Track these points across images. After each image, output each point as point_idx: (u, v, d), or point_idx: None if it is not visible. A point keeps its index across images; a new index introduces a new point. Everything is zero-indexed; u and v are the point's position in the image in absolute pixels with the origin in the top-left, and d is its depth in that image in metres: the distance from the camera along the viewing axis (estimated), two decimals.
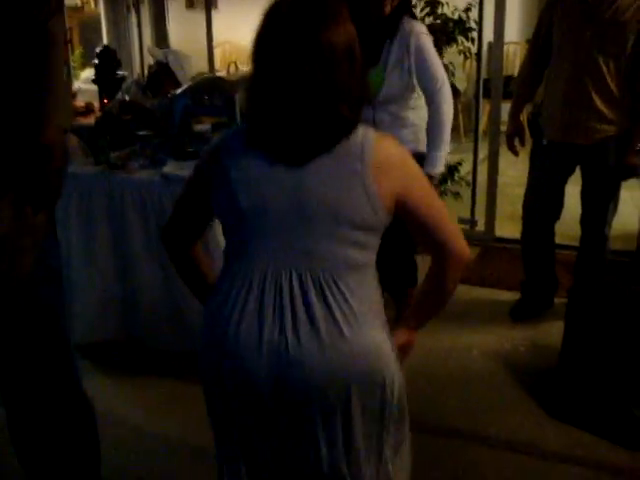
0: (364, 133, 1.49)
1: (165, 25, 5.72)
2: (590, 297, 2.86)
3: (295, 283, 1.48)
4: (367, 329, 1.51)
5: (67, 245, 3.17)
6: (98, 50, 4.85)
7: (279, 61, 1.42)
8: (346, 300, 1.49)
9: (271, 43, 1.44)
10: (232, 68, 3.70)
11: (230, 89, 3.32)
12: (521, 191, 3.62)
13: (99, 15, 6.28)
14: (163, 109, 3.71)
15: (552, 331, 3.40)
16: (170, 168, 3.02)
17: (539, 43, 3.38)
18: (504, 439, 2.74)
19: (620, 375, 2.70)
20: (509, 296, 3.83)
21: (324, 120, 1.44)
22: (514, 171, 4.96)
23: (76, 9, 6.00)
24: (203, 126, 3.85)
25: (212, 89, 3.41)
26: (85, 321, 3.24)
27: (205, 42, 5.01)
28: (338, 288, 1.49)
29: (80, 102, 4.75)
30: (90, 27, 6.29)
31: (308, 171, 1.47)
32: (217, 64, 5.72)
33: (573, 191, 3.49)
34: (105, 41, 5.78)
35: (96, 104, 4.87)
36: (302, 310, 1.47)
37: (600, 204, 3.35)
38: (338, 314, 1.47)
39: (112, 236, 3.13)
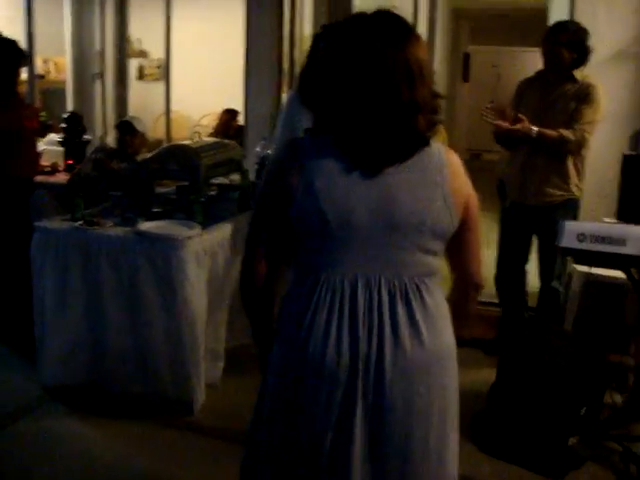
0: (437, 146, 1.61)
1: (126, 94, 6.10)
2: (520, 348, 3.27)
3: (384, 290, 1.57)
4: (442, 333, 1.64)
5: (42, 293, 3.44)
6: (66, 115, 5.19)
7: (368, 75, 1.53)
8: (425, 306, 1.60)
9: (359, 58, 1.54)
10: (196, 136, 4.07)
11: (194, 156, 3.67)
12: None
13: (61, 83, 6.66)
14: (131, 172, 4.04)
15: (479, 378, 3.77)
16: (145, 226, 3.34)
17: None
18: None
19: (554, 410, 3.05)
20: None
21: (405, 130, 1.55)
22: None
23: (40, 77, 6.42)
24: (166, 189, 4.21)
25: (177, 155, 3.75)
26: (56, 365, 3.48)
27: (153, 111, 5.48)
28: (420, 295, 1.60)
29: (46, 162, 5.03)
30: (51, 93, 6.65)
31: (394, 182, 1.56)
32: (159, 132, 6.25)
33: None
34: (70, 107, 6.11)
35: (61, 164, 5.18)
36: (388, 315, 1.56)
37: (549, 260, 3.94)
38: (419, 319, 1.58)
39: (85, 287, 3.38)
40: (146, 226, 3.35)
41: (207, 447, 3.19)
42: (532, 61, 12.65)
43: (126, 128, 4.36)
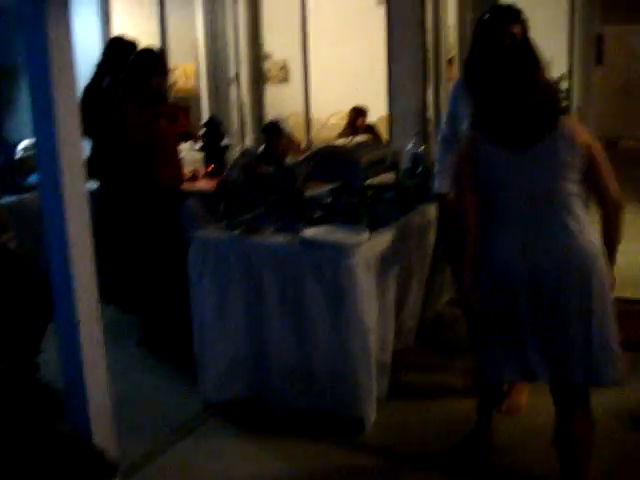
0: (562, 119, 2.46)
1: (262, 98, 6.02)
2: None
3: (545, 210, 2.41)
4: (588, 236, 2.41)
5: (201, 306, 3.32)
6: (204, 120, 5.12)
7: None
8: (573, 219, 2.40)
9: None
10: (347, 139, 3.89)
11: (352, 156, 3.46)
12: None
13: (191, 90, 6.66)
14: (283, 175, 3.89)
15: None
16: (310, 233, 3.16)
17: None
18: None
19: None
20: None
21: (545, 119, 2.42)
22: None
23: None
24: (318, 191, 4.03)
25: (333, 157, 3.57)
26: (217, 380, 3.36)
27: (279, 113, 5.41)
28: (570, 211, 2.40)
29: (186, 169, 4.96)
30: (182, 100, 6.64)
31: (539, 148, 2.41)
32: None
33: None
34: (205, 113, 6.07)
35: (201, 170, 5.12)
36: (548, 225, 2.41)
37: None
38: (573, 225, 2.39)
39: (246, 298, 3.25)
40: (311, 233, 3.16)
41: (381, 467, 2.98)
42: None
43: (273, 130, 4.20)
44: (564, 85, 5.22)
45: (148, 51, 4.33)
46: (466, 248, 2.56)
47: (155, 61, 4.27)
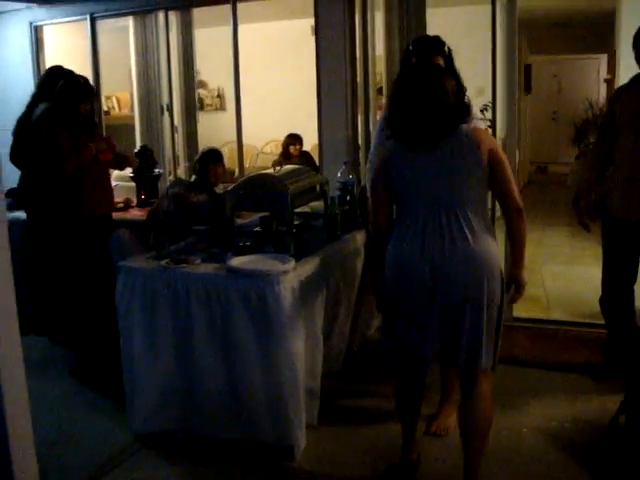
0: (464, 125, 2.63)
1: (195, 126, 6.03)
2: None
3: (443, 217, 2.58)
4: (484, 241, 2.59)
5: (129, 337, 3.30)
6: (136, 150, 5.11)
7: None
8: (471, 224, 2.57)
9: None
10: (272, 166, 3.93)
11: (280, 185, 3.50)
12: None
13: (125, 118, 6.64)
14: (213, 205, 3.90)
15: (591, 407, 3.56)
16: (236, 262, 3.18)
17: (606, 132, 3.76)
18: None
19: None
20: (539, 374, 4.01)
21: (447, 120, 2.59)
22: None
23: (105, 113, 6.39)
24: (249, 219, 4.06)
25: (262, 185, 3.60)
26: (147, 411, 3.33)
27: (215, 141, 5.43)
28: (467, 216, 2.57)
29: (118, 198, 4.93)
30: (116, 128, 6.62)
31: (443, 151, 2.58)
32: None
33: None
34: (138, 141, 6.05)
35: (133, 199, 5.09)
36: (447, 231, 2.57)
37: None
38: (467, 232, 2.57)
39: (175, 328, 3.23)
40: (237, 262, 3.18)
41: None
42: (594, 68, 12.42)
43: (206, 158, 4.22)
44: (487, 115, 5.39)
45: (74, 78, 4.28)
46: (374, 245, 2.83)
47: (81, 87, 4.23)
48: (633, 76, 3.72)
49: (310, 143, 6.86)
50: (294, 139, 7.09)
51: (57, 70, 4.52)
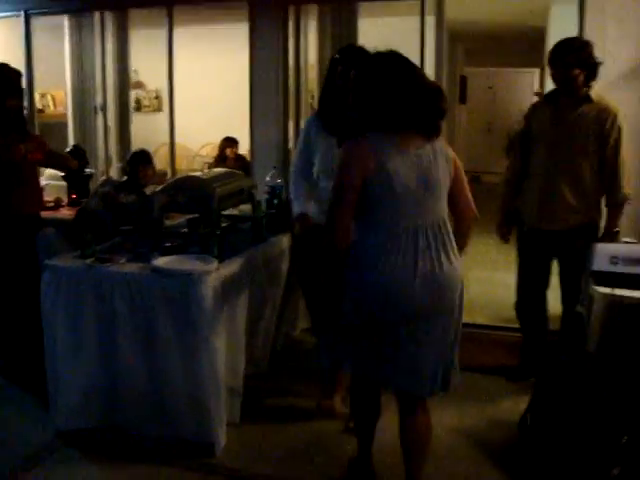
0: (439, 142, 2.54)
1: (128, 126, 6.03)
2: (555, 376, 3.17)
3: (429, 232, 2.46)
4: (457, 258, 2.55)
5: (53, 334, 3.31)
6: (68, 149, 5.09)
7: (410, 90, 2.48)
8: (450, 238, 2.52)
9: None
10: (205, 168, 3.98)
11: (207, 187, 3.57)
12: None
13: (60, 116, 6.59)
14: (141, 205, 3.94)
15: (504, 407, 3.73)
16: (160, 262, 3.23)
17: (522, 146, 3.92)
18: None
19: (595, 440, 2.94)
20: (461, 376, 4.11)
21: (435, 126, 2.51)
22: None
23: (39, 111, 6.33)
24: (176, 221, 4.10)
25: (189, 187, 3.66)
26: (69, 408, 3.34)
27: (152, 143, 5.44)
28: (447, 231, 2.52)
29: (48, 197, 4.91)
30: (50, 127, 6.56)
31: (426, 160, 2.47)
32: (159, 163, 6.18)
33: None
34: (71, 141, 6.02)
35: (64, 199, 5.08)
36: (434, 247, 2.46)
37: (574, 284, 3.75)
38: (449, 248, 2.51)
39: (98, 326, 3.26)
40: (161, 262, 3.23)
41: None
42: (528, 81, 12.81)
43: (137, 159, 4.26)
44: None
45: (1, 72, 4.18)
46: (329, 264, 2.55)
47: (9, 81, 4.14)
48: (547, 92, 3.92)
49: (247, 147, 6.91)
50: (230, 142, 7.15)
51: (2, 67, 4.45)
